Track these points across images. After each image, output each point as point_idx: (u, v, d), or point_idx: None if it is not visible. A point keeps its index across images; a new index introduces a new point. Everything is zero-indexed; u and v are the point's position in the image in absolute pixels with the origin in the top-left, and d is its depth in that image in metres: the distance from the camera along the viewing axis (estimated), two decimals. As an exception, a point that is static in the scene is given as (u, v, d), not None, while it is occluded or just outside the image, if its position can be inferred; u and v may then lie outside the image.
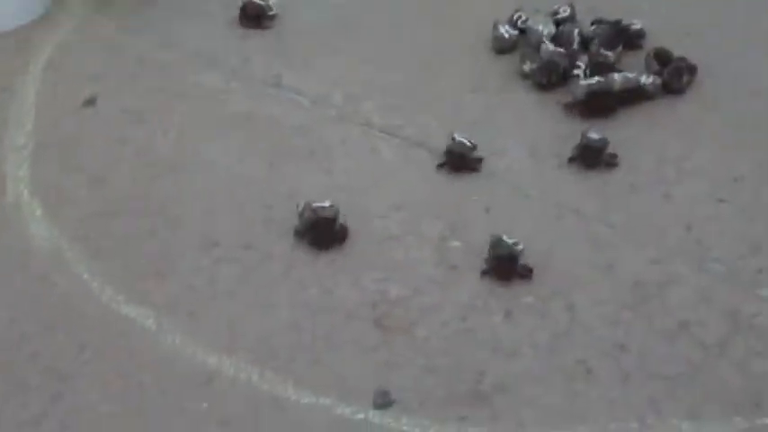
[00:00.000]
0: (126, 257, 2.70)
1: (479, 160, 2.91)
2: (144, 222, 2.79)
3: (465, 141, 2.91)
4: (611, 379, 2.42)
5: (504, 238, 2.63)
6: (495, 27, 3.34)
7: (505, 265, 2.60)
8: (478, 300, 2.59)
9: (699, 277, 2.64)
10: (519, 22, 3.38)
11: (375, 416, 2.36)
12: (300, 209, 2.73)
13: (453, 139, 2.91)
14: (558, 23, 3.35)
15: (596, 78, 3.10)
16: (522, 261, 2.62)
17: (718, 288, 2.61)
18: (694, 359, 2.46)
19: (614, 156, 2.91)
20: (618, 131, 3.01)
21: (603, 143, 2.91)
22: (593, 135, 2.91)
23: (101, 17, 3.05)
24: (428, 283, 2.63)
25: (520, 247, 2.62)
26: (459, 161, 2.90)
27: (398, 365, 2.45)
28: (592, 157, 2.90)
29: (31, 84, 3.19)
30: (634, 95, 3.12)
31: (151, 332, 2.53)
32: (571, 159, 2.92)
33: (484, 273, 2.63)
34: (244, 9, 3.43)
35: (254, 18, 3.41)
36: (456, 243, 2.74)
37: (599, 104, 3.07)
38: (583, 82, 3.09)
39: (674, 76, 3.17)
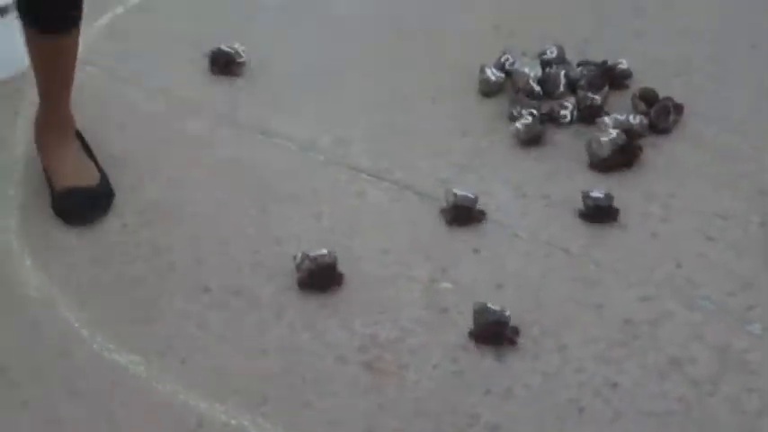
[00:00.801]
0: (116, 304, 2.70)
1: (481, 211, 2.92)
2: (133, 269, 2.79)
3: (468, 194, 2.90)
4: (602, 418, 2.42)
5: (489, 305, 2.60)
6: (482, 70, 3.36)
7: (494, 332, 2.57)
8: (469, 341, 2.59)
9: (689, 314, 2.64)
10: (507, 65, 3.39)
11: (366, 459, 2.36)
12: (298, 260, 2.72)
13: (455, 194, 2.89)
14: (544, 65, 3.36)
15: (615, 131, 3.06)
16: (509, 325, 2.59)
17: (708, 325, 2.62)
18: (686, 396, 2.46)
19: (617, 210, 2.91)
20: (604, 171, 3.03)
21: (609, 200, 2.90)
22: (597, 194, 2.90)
23: (91, 68, 3.06)
24: (418, 326, 2.63)
25: (507, 313, 2.59)
26: (467, 214, 2.89)
27: (389, 409, 2.45)
28: (602, 214, 2.89)
29: (21, 134, 3.20)
30: (627, 137, 3.12)
31: (142, 378, 2.52)
32: (583, 215, 2.90)
33: (471, 336, 2.59)
34: (213, 57, 3.44)
35: (225, 65, 3.43)
36: (446, 284, 2.74)
37: (623, 157, 3.05)
38: (604, 139, 3.03)
39: (661, 115, 3.18)
